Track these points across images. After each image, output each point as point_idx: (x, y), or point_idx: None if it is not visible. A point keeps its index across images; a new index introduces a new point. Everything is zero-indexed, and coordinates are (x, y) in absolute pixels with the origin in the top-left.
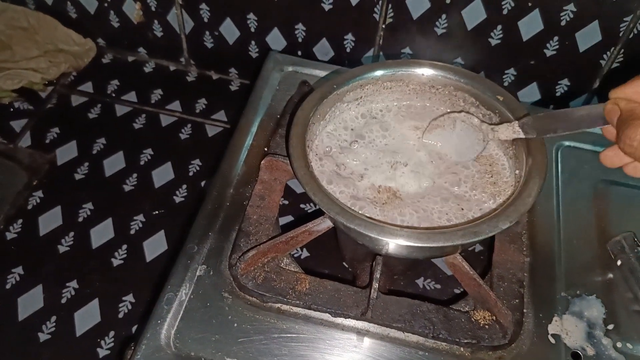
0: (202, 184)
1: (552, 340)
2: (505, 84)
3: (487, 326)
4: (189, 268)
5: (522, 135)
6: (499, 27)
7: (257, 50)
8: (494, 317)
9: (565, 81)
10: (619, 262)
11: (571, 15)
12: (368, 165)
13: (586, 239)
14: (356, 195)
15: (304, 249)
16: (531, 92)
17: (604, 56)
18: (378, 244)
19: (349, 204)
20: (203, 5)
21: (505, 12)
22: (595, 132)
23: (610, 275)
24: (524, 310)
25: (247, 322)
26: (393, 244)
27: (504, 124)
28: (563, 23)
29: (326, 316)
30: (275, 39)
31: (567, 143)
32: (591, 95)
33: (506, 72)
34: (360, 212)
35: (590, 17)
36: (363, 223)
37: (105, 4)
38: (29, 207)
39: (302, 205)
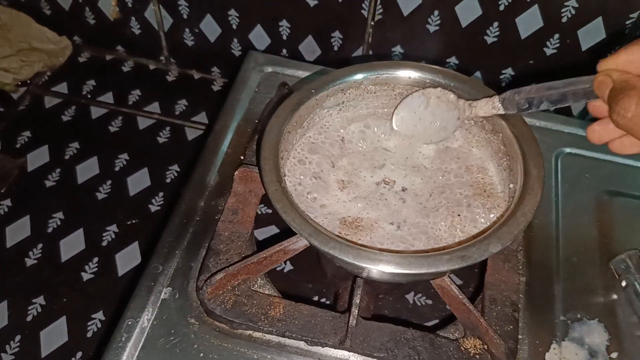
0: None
1: None
2: (503, 84)
3: (477, 356)
4: (153, 290)
5: (501, 111)
6: (496, 24)
7: (239, 48)
8: (485, 346)
9: None
10: (623, 283)
11: (573, 12)
12: (351, 177)
13: (588, 257)
14: (335, 212)
15: (287, 262)
16: None
17: (608, 55)
18: (357, 268)
19: (326, 221)
20: (182, 1)
21: (502, 8)
22: None
23: (614, 297)
24: (519, 337)
25: (215, 352)
26: (372, 271)
27: (483, 99)
28: (564, 20)
29: (302, 344)
30: (259, 37)
31: (567, 150)
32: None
33: (503, 72)
34: (337, 231)
35: (593, 14)
36: (338, 246)
37: (80, 0)
38: None
39: None
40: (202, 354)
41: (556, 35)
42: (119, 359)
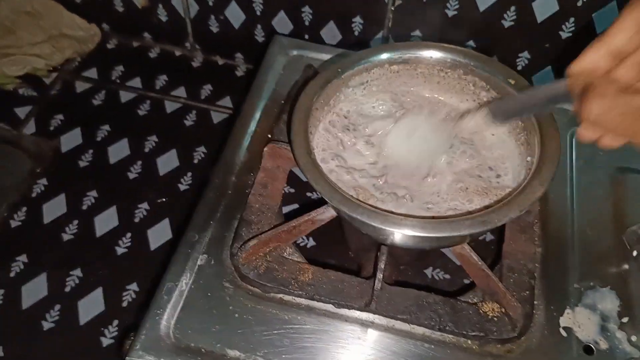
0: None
1: (564, 334)
2: (519, 67)
3: (495, 319)
4: (190, 257)
5: (490, 123)
6: (512, 8)
7: (263, 34)
8: (503, 310)
9: None
10: (634, 253)
11: None
12: (376, 149)
13: (601, 229)
14: (360, 182)
15: (310, 238)
16: (546, 77)
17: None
18: (382, 234)
19: (352, 191)
20: None
21: None
22: None
23: (626, 267)
24: (535, 302)
25: (249, 313)
26: (398, 234)
27: (469, 114)
28: (579, 4)
29: (329, 307)
30: (282, 23)
31: None
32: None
33: (520, 55)
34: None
35: None
36: (366, 212)
37: None
38: (33, 194)
39: (308, 194)
40: (236, 315)
41: (572, 19)
42: (161, 318)
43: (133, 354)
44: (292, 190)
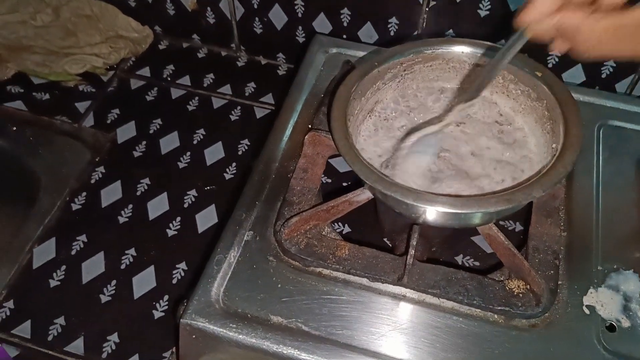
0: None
1: (587, 311)
2: (550, 65)
3: (520, 294)
4: (238, 233)
5: (470, 104)
6: None
7: (303, 35)
8: (528, 286)
9: (611, 62)
10: None
11: None
12: (409, 136)
13: (625, 216)
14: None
15: (346, 225)
16: (576, 74)
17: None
18: (414, 212)
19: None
20: None
21: None
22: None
23: None
24: (559, 282)
25: (290, 284)
26: (429, 212)
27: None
28: None
29: (364, 281)
30: (322, 24)
31: (609, 122)
32: (638, 76)
33: (550, 53)
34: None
35: None
36: (400, 190)
37: None
38: (92, 181)
39: (344, 184)
40: (279, 285)
41: None
42: (212, 286)
43: (186, 316)
44: (329, 181)
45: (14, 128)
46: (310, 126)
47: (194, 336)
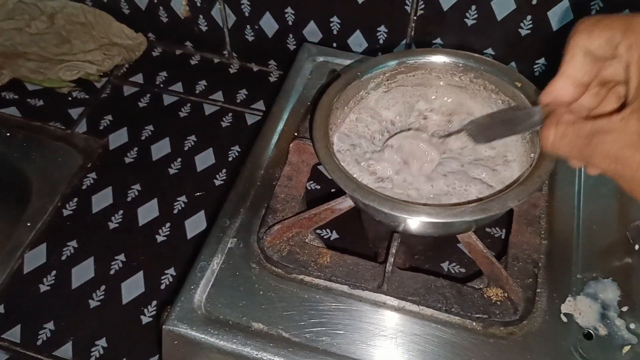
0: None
1: (564, 319)
2: (536, 74)
3: (498, 302)
4: (221, 240)
5: (472, 144)
6: (529, 17)
7: (294, 42)
8: (506, 294)
9: None
10: (636, 247)
11: (601, 5)
12: (389, 146)
13: (606, 225)
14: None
15: (333, 231)
16: None
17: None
18: (393, 220)
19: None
20: (244, 0)
21: (534, 2)
22: None
23: (629, 260)
24: (537, 290)
25: (272, 291)
26: (408, 221)
27: (453, 135)
28: (593, 12)
29: (345, 288)
30: (312, 32)
31: None
32: None
33: (537, 62)
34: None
35: (620, 6)
36: (377, 199)
37: (155, 0)
38: (84, 187)
39: (333, 190)
40: (261, 292)
41: None
42: (195, 293)
43: (169, 323)
44: (318, 187)
45: (8, 134)
46: (296, 134)
47: (176, 342)
